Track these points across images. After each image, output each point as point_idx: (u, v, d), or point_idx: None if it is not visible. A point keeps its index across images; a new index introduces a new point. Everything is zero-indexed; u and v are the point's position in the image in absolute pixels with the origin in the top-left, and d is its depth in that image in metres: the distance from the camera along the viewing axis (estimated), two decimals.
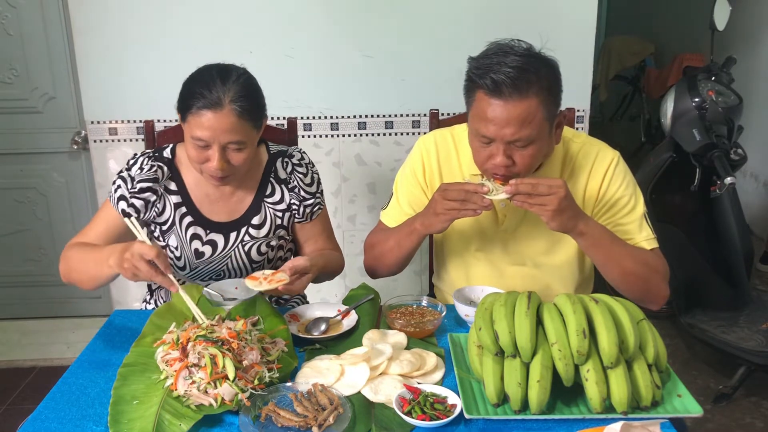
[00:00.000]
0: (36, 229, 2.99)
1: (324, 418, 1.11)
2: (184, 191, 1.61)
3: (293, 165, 1.66)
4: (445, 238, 1.67)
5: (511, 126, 1.33)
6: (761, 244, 3.76)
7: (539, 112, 1.34)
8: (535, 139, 1.36)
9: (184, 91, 1.47)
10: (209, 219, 1.62)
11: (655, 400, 1.14)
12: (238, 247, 1.63)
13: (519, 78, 1.31)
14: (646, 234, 1.52)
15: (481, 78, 1.34)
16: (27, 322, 3.09)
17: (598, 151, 1.54)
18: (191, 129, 1.45)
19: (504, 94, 1.32)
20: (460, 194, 1.37)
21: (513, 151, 1.37)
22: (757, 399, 2.58)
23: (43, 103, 2.82)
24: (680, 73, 4.59)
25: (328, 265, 1.64)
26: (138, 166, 1.58)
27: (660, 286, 1.51)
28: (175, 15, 2.58)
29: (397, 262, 1.62)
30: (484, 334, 1.17)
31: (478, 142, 1.41)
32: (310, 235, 1.72)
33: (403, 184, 1.66)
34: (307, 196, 1.66)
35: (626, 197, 1.52)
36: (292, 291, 1.45)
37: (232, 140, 1.45)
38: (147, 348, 1.32)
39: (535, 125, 1.34)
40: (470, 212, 1.38)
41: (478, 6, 2.58)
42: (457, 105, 1.71)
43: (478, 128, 1.38)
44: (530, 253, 1.60)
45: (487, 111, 1.35)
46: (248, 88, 1.48)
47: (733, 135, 2.63)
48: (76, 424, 1.15)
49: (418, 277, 2.94)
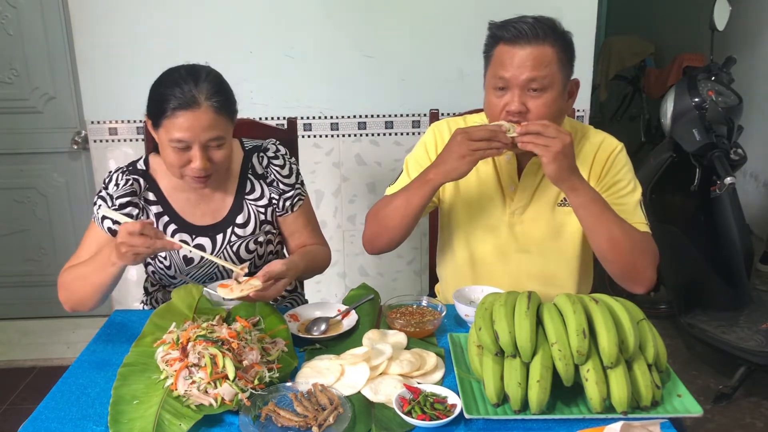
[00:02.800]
0: (36, 229, 2.99)
1: (324, 418, 1.11)
2: (164, 200, 1.60)
3: (269, 158, 1.65)
4: (452, 217, 1.67)
5: (528, 67, 1.41)
6: (761, 244, 3.77)
7: (554, 61, 1.43)
8: (548, 86, 1.43)
9: (155, 96, 1.46)
10: (193, 224, 1.61)
11: (655, 400, 1.14)
12: (226, 248, 1.62)
13: (537, 26, 1.42)
14: (639, 218, 1.54)
15: (501, 30, 1.45)
16: (27, 322, 3.09)
17: (603, 139, 1.60)
18: (169, 132, 1.43)
19: (523, 40, 1.42)
20: (486, 133, 1.41)
21: (527, 99, 1.44)
22: (757, 399, 2.58)
23: (43, 103, 2.82)
24: (680, 73, 4.60)
25: (311, 264, 1.63)
26: (113, 183, 1.57)
27: (647, 267, 1.50)
28: (175, 15, 2.58)
29: (401, 223, 1.55)
30: (484, 334, 1.17)
31: (494, 94, 1.47)
32: (294, 228, 1.70)
33: (414, 162, 1.68)
34: (286, 188, 1.65)
35: (625, 181, 1.56)
36: (266, 297, 1.43)
37: (212, 137, 1.44)
38: (147, 348, 1.32)
39: (550, 70, 1.42)
40: (494, 151, 1.41)
41: (478, 6, 2.58)
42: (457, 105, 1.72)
43: (496, 73, 1.45)
44: (536, 235, 1.61)
45: (505, 58, 1.44)
46: (219, 83, 1.48)
47: (733, 135, 2.63)
48: (76, 424, 1.15)
49: (418, 277, 2.94)
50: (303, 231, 1.71)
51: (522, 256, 1.63)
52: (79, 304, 1.52)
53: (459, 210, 1.66)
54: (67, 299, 1.53)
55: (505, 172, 1.60)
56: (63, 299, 1.54)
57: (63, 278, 1.54)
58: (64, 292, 1.53)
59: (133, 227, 1.33)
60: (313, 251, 1.68)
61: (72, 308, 1.53)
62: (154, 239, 1.34)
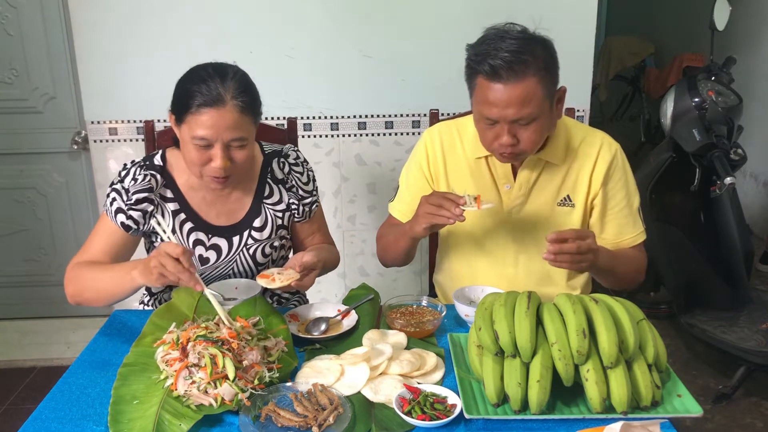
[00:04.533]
0: (36, 229, 2.99)
1: (324, 418, 1.11)
2: (181, 197, 1.59)
3: (290, 165, 1.66)
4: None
5: (513, 107, 1.40)
6: (761, 244, 3.76)
7: (538, 91, 1.40)
8: (537, 116, 1.42)
9: (181, 92, 1.44)
10: (210, 223, 1.60)
11: (655, 400, 1.14)
12: (242, 251, 1.62)
13: (515, 61, 1.37)
14: (638, 227, 1.63)
15: (479, 65, 1.41)
16: (27, 322, 3.09)
17: (601, 143, 1.60)
18: (192, 129, 1.41)
19: (502, 77, 1.38)
20: (438, 200, 1.43)
21: (517, 130, 1.44)
22: (757, 399, 2.58)
23: (43, 103, 2.82)
24: (680, 73, 4.60)
25: (329, 259, 1.65)
26: (131, 177, 1.54)
27: (638, 279, 1.66)
28: (175, 15, 2.58)
29: (396, 257, 1.69)
30: (484, 334, 1.17)
31: (483, 124, 1.47)
32: (308, 232, 1.73)
33: (408, 175, 1.71)
34: (305, 194, 1.67)
35: (626, 188, 1.61)
36: (303, 287, 1.48)
37: (235, 137, 1.42)
38: (147, 348, 1.32)
39: (535, 104, 1.40)
40: (443, 218, 1.42)
41: (477, 6, 2.58)
42: (457, 105, 1.71)
43: (481, 111, 1.45)
44: (534, 234, 1.61)
45: (489, 95, 1.41)
46: (246, 83, 1.46)
47: (733, 135, 2.63)
48: (76, 424, 1.15)
49: (418, 277, 2.94)
50: (316, 234, 1.74)
51: (520, 255, 1.64)
52: (86, 302, 1.49)
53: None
54: (75, 295, 1.50)
55: (500, 171, 1.60)
56: (70, 293, 1.50)
57: (73, 273, 1.50)
58: (74, 288, 1.50)
59: (174, 250, 1.29)
60: (328, 248, 1.70)
61: (77, 303, 1.51)
62: (185, 270, 1.30)
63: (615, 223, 1.61)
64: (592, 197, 1.60)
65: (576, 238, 1.36)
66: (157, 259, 1.30)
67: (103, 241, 1.54)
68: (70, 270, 1.51)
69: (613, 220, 1.61)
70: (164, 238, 1.41)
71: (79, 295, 1.49)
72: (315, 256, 1.47)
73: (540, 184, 1.59)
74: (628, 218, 1.61)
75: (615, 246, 1.62)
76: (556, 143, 1.57)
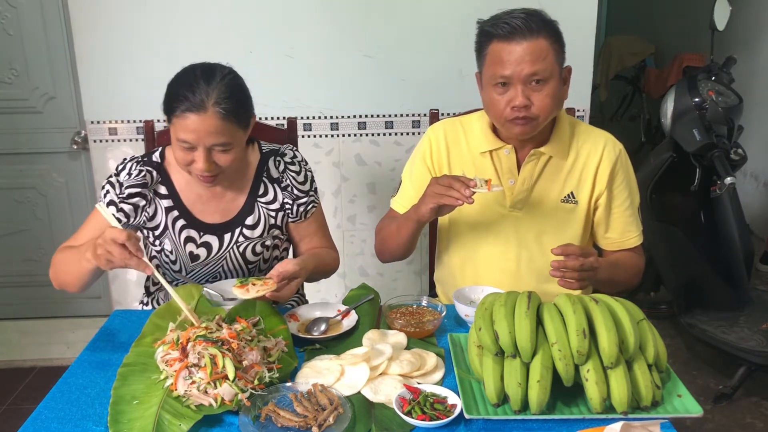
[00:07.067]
0: (36, 229, 2.99)
1: (324, 418, 1.11)
2: (175, 194, 1.60)
3: (285, 164, 1.65)
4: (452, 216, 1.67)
5: (527, 62, 1.43)
6: (761, 244, 3.76)
7: (551, 53, 1.45)
8: (549, 77, 1.45)
9: (169, 93, 1.46)
10: (202, 221, 1.61)
11: (655, 400, 1.14)
12: (233, 248, 1.62)
13: (529, 20, 1.44)
14: (637, 228, 1.66)
15: (494, 27, 1.46)
16: (27, 322, 3.09)
17: (606, 142, 1.61)
18: (176, 131, 1.44)
19: (517, 35, 1.43)
20: (448, 181, 1.43)
21: (530, 93, 1.45)
22: (757, 399, 2.58)
23: (43, 103, 2.82)
24: (680, 73, 4.59)
25: (320, 265, 1.64)
26: (126, 172, 1.58)
27: (636, 282, 1.69)
28: (175, 15, 2.58)
29: (397, 248, 1.66)
30: (484, 334, 1.17)
31: (496, 91, 1.48)
32: (305, 234, 1.71)
33: (412, 169, 1.70)
34: (301, 194, 1.66)
35: (628, 191, 1.63)
36: (280, 298, 1.45)
37: (217, 142, 1.44)
38: (147, 348, 1.32)
39: (548, 62, 1.44)
40: (452, 199, 1.42)
41: (477, 6, 2.57)
42: (458, 105, 1.71)
43: (495, 72, 1.46)
44: (537, 230, 1.62)
45: (503, 55, 1.45)
46: (232, 88, 1.45)
47: (733, 135, 2.63)
48: (76, 424, 1.15)
49: (418, 277, 2.94)
50: (314, 236, 1.72)
51: (522, 252, 1.64)
52: (64, 285, 1.54)
53: (458, 209, 1.65)
54: (54, 278, 1.56)
55: (504, 166, 1.60)
56: (51, 276, 1.56)
57: (54, 258, 1.56)
58: (53, 271, 1.55)
59: (117, 236, 1.30)
60: (321, 254, 1.68)
61: (58, 287, 1.56)
62: (131, 256, 1.30)
63: (620, 222, 1.63)
64: (596, 196, 1.60)
65: (579, 256, 1.37)
66: (103, 247, 1.31)
67: (92, 231, 1.55)
68: (54, 255, 1.56)
69: (618, 219, 1.63)
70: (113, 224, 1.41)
71: (56, 278, 1.55)
72: (297, 264, 1.46)
73: (544, 179, 1.59)
74: (631, 217, 1.64)
75: (620, 245, 1.63)
76: (560, 138, 1.58)
